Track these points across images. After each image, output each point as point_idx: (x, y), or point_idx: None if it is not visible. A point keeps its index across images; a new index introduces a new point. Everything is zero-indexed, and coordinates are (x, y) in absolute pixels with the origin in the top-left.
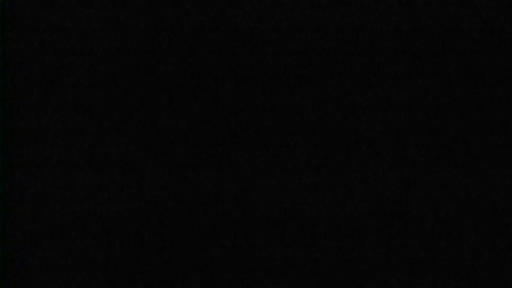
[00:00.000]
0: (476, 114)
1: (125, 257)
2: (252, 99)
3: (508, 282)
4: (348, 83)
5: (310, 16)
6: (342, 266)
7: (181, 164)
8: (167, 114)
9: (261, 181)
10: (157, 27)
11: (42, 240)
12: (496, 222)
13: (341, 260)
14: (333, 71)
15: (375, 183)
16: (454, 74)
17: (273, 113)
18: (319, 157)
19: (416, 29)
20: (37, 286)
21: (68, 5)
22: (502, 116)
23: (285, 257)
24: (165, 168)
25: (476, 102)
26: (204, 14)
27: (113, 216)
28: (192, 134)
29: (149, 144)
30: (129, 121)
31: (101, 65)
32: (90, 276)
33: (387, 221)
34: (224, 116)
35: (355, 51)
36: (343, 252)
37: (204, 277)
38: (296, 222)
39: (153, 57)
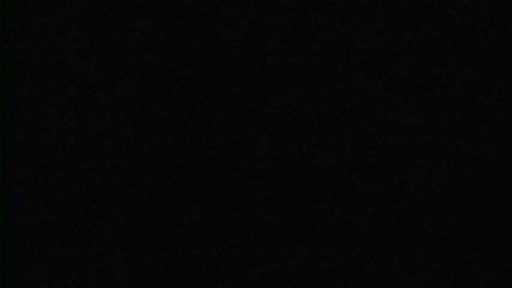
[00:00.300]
0: (476, 114)
1: (124, 257)
2: (250, 98)
3: (508, 282)
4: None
5: (310, 15)
6: (341, 266)
7: (182, 164)
8: (167, 115)
9: (260, 180)
10: (158, 27)
11: (42, 240)
12: (496, 222)
13: (340, 259)
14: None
15: (374, 182)
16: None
17: (272, 111)
18: (317, 156)
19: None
20: (37, 286)
21: (68, 4)
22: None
23: (283, 258)
24: (165, 168)
25: (476, 102)
26: (204, 14)
27: (113, 216)
28: (191, 134)
29: (149, 144)
30: (129, 121)
31: (101, 65)
32: (90, 276)
33: (387, 220)
34: (223, 115)
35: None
36: (342, 251)
37: (203, 277)
38: (295, 222)
39: (153, 57)
